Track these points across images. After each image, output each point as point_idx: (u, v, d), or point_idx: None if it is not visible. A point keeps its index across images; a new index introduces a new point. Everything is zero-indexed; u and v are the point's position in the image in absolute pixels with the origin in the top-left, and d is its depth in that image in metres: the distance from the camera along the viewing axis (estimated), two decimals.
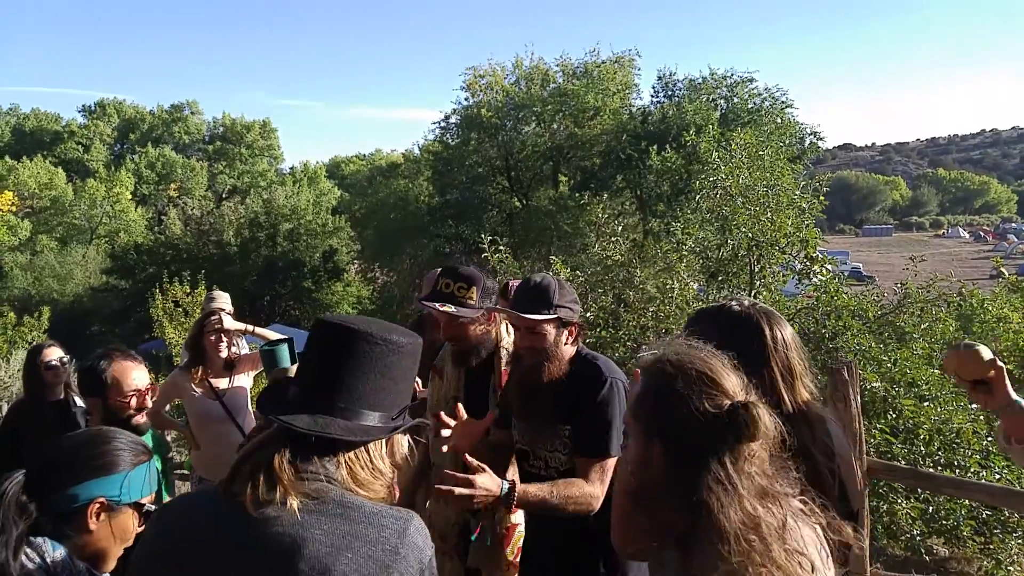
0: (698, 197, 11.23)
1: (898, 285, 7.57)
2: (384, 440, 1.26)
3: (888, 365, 5.04)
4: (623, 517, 1.34)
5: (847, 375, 3.04)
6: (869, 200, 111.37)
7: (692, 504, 1.18)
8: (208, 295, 4.57)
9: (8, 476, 1.54)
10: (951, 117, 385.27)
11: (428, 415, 2.76)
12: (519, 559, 2.59)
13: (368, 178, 38.22)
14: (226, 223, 29.51)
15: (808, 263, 7.78)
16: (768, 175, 9.44)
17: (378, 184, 32.93)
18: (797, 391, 1.83)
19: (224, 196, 53.44)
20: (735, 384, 1.25)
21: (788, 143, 21.81)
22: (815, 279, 7.30)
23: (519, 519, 2.61)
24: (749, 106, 24.55)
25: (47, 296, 30.54)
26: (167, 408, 4.66)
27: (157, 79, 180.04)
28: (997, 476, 4.15)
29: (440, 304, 2.49)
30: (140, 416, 2.59)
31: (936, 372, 5.05)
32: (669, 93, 26.36)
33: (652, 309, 7.35)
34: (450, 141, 27.32)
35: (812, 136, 26.07)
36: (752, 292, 8.29)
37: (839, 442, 1.86)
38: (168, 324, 13.99)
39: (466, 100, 26.53)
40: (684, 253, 8.50)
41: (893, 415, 4.59)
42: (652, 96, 27.24)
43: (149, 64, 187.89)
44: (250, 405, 4.26)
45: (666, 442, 1.23)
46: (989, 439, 4.41)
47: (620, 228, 10.13)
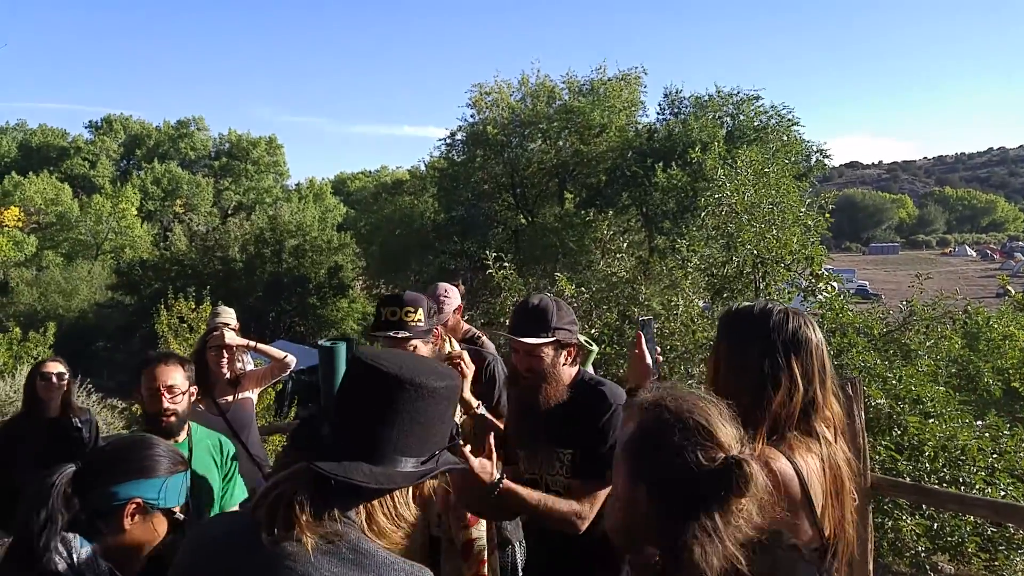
0: (703, 214, 11.24)
1: (904, 303, 7.55)
2: (411, 487, 1.26)
3: (893, 382, 5.02)
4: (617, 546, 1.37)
5: (851, 391, 3.04)
6: (875, 218, 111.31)
7: (675, 547, 1.19)
8: (213, 310, 4.58)
9: (59, 468, 1.61)
10: (958, 135, 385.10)
11: None
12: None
13: (373, 194, 38.41)
14: (231, 239, 29.63)
15: (813, 280, 7.76)
16: (774, 192, 9.45)
17: (383, 201, 33.08)
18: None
19: (230, 212, 53.73)
20: (731, 436, 1.26)
21: (794, 161, 21.86)
22: (820, 296, 7.29)
23: (479, 533, 2.61)
24: (755, 124, 24.63)
25: (52, 312, 30.58)
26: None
27: (163, 95, 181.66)
28: (1002, 493, 4.12)
29: (396, 334, 2.52)
30: (166, 416, 2.58)
31: (941, 389, 5.02)
32: (675, 110, 26.46)
33: (656, 326, 7.35)
34: (456, 158, 27.44)
35: (818, 154, 26.15)
36: None
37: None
38: (173, 340, 14.01)
39: (472, 117, 26.71)
40: (689, 270, 8.50)
41: (898, 432, 4.57)
42: (658, 113, 27.36)
43: (155, 80, 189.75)
44: (255, 421, 4.26)
45: (654, 487, 1.25)
46: (994, 456, 4.38)
47: (625, 245, 10.15)
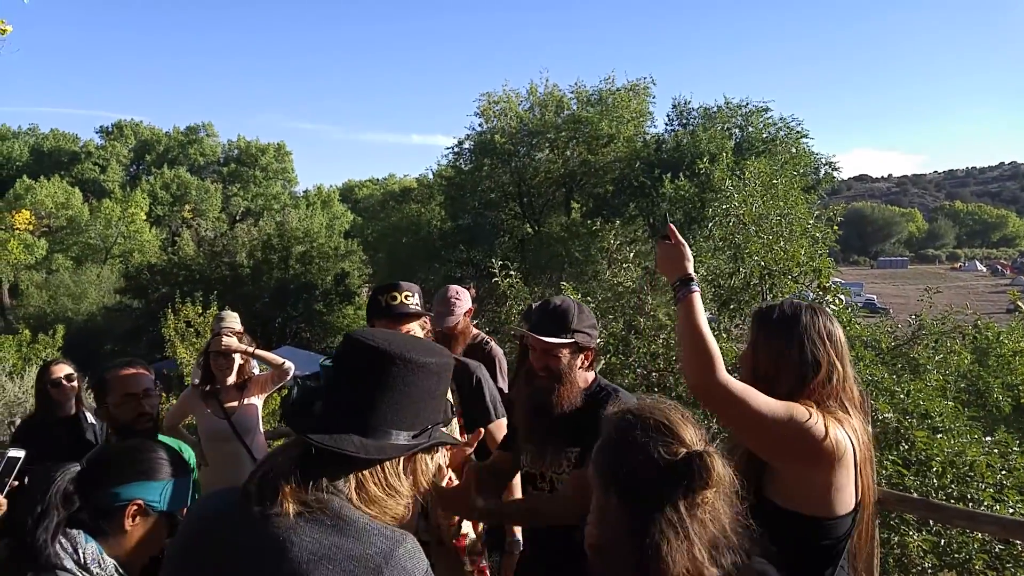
0: (711, 225, 11.23)
1: (912, 317, 7.51)
2: (403, 458, 1.27)
3: (901, 396, 4.99)
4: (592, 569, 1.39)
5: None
6: (884, 232, 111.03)
7: (643, 545, 1.23)
8: (217, 315, 4.60)
9: (63, 467, 1.66)
10: (969, 149, 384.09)
11: None
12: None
13: (381, 202, 38.58)
14: (239, 245, 29.73)
15: (821, 293, 7.73)
16: (781, 204, 9.43)
17: (391, 208, 33.19)
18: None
19: (238, 218, 53.97)
20: (692, 435, 1.32)
21: (802, 173, 21.83)
22: (827, 309, 7.29)
23: (468, 529, 2.69)
24: (764, 135, 24.64)
25: (62, 314, 30.82)
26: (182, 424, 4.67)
27: (173, 101, 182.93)
28: (1011, 510, 4.07)
29: (406, 320, 2.63)
30: (142, 423, 2.55)
31: (950, 404, 4.98)
32: (683, 121, 26.50)
33: (663, 336, 7.31)
34: (463, 166, 27.51)
35: (827, 166, 26.13)
36: None
37: None
38: (180, 344, 14.09)
39: (480, 126, 26.77)
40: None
41: (905, 446, 4.53)
42: (666, 124, 27.41)
43: (166, 86, 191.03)
44: (260, 426, 4.27)
45: (623, 489, 1.29)
46: (1003, 472, 4.34)
47: (632, 255, 10.12)
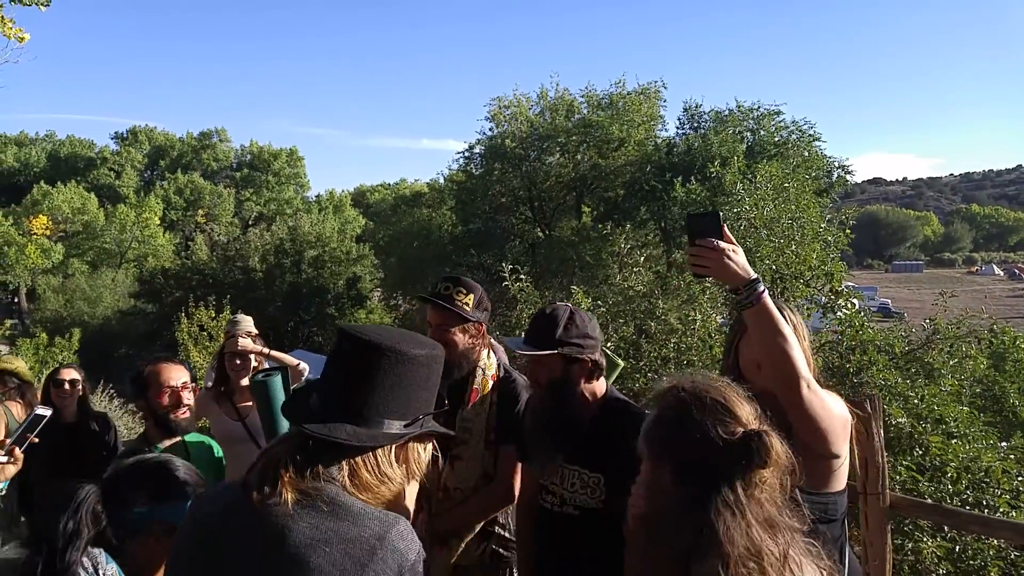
0: None
1: (927, 321, 7.44)
2: (395, 447, 1.31)
3: (915, 401, 4.94)
4: (633, 539, 1.40)
5: (871, 408, 2.99)
6: (899, 235, 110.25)
7: (699, 523, 1.22)
8: (231, 318, 4.62)
9: (90, 484, 1.66)
10: (986, 152, 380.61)
11: None
12: None
13: (392, 207, 38.65)
14: (252, 249, 29.94)
15: (833, 297, 7.66)
16: (793, 208, 9.39)
17: (402, 213, 33.25)
18: None
19: (250, 223, 54.35)
20: (749, 413, 1.30)
21: (815, 176, 21.69)
22: (840, 313, 7.19)
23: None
24: (776, 139, 24.51)
25: (78, 318, 31.13)
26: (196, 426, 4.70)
27: (187, 107, 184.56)
28: None
29: (441, 301, 2.58)
30: (180, 412, 2.64)
31: (965, 409, 4.93)
32: (695, 125, 26.41)
33: (674, 340, 7.29)
34: (474, 171, 27.52)
35: (840, 170, 25.95)
36: None
37: None
38: (193, 348, 14.20)
39: (491, 130, 26.75)
40: (707, 284, 8.44)
41: (920, 451, 4.48)
42: (677, 128, 27.31)
43: (179, 92, 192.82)
44: None
45: (678, 465, 1.29)
46: (1020, 479, 4.29)
47: (642, 259, 10.11)
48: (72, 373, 4.05)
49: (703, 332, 7.21)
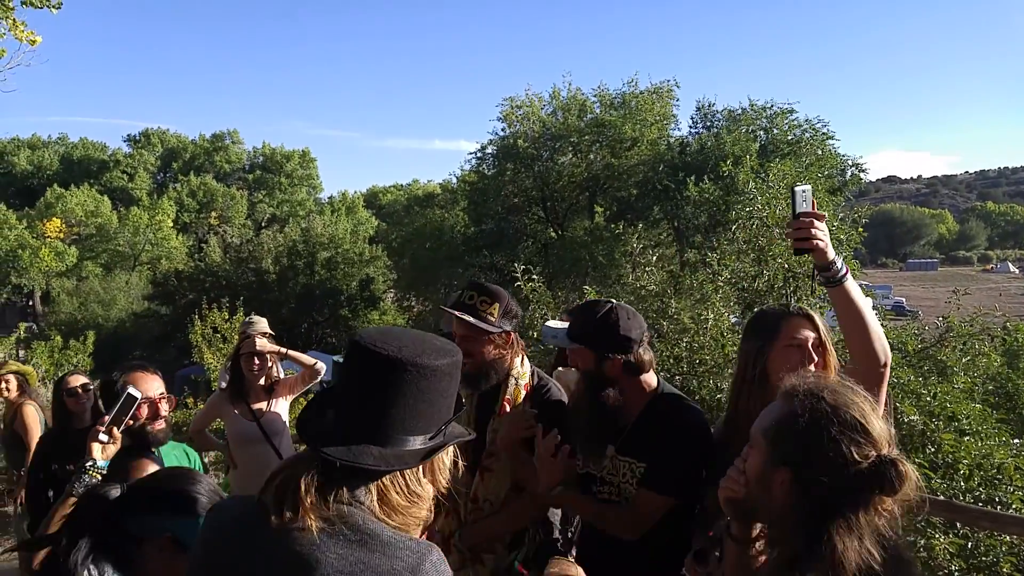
0: (734, 227, 11.15)
1: (940, 319, 7.40)
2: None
3: (928, 399, 4.92)
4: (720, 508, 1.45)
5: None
6: (914, 234, 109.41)
7: (816, 536, 1.22)
8: (246, 319, 4.67)
9: (104, 489, 1.65)
10: (1001, 149, 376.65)
11: None
12: None
13: (405, 208, 38.84)
14: (265, 251, 30.10)
15: None
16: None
17: (415, 214, 33.38)
18: None
19: (263, 224, 54.65)
20: (884, 434, 1.27)
21: (828, 174, 21.57)
22: None
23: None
24: (789, 137, 24.41)
25: (92, 321, 31.35)
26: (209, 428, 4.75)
27: (199, 109, 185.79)
28: None
29: (459, 312, 2.47)
30: (157, 424, 2.56)
31: (978, 407, 4.91)
32: (708, 124, 26.36)
33: (686, 340, 7.29)
34: (486, 171, 27.56)
35: (854, 168, 25.80)
36: None
37: None
38: (207, 350, 14.27)
39: (503, 131, 26.78)
40: (720, 284, 8.43)
41: (932, 449, 4.47)
42: (690, 127, 27.28)
43: (192, 94, 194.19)
44: (288, 427, 4.34)
45: (801, 474, 1.27)
46: None
47: (655, 258, 10.10)
48: (81, 379, 4.05)
49: (715, 331, 7.19)
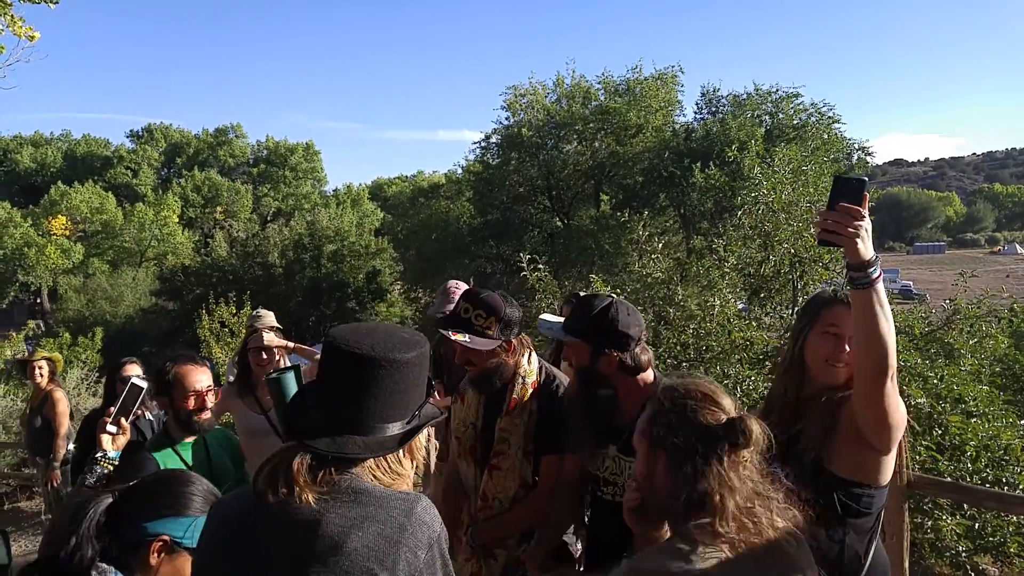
0: (740, 213, 11.12)
1: (947, 302, 7.37)
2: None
3: (934, 381, 4.92)
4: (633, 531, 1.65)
5: None
6: (921, 217, 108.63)
7: (695, 493, 1.43)
8: (253, 313, 4.69)
9: (95, 498, 1.68)
10: (1009, 130, 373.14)
11: (451, 439, 2.87)
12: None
13: (410, 199, 38.82)
14: (271, 245, 30.14)
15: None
16: (812, 191, 9.30)
17: (420, 205, 33.39)
18: None
19: (269, 218, 54.65)
20: (730, 403, 1.53)
21: (834, 158, 21.46)
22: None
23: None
24: (794, 122, 24.32)
25: (100, 317, 31.43)
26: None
27: (202, 103, 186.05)
28: None
29: (453, 332, 2.46)
30: (203, 415, 2.73)
31: (985, 388, 4.90)
32: (713, 109, 26.26)
33: (693, 327, 7.29)
34: (491, 161, 27.53)
35: (860, 151, 25.67)
36: (795, 309, 8.16)
37: None
38: (215, 344, 14.36)
39: (507, 120, 26.75)
40: (726, 270, 8.41)
41: (939, 431, 4.47)
42: (695, 113, 27.21)
43: (194, 89, 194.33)
44: None
45: (672, 451, 1.49)
46: None
47: (660, 245, 10.07)
48: (136, 369, 4.22)
49: (722, 318, 7.19)
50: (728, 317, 7.23)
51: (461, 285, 3.96)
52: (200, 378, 2.75)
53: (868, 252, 1.69)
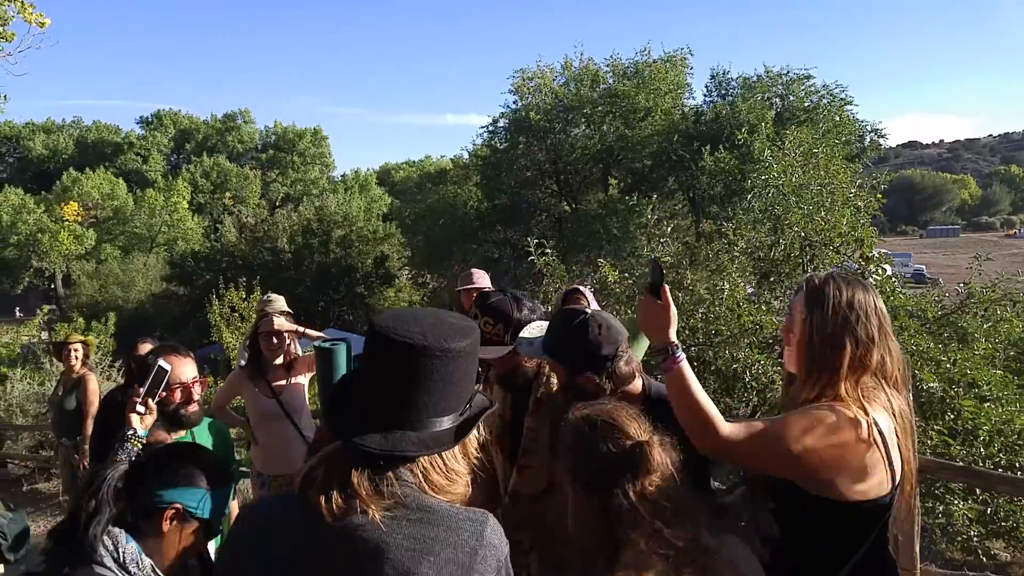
0: (750, 196, 11.05)
1: (961, 285, 7.31)
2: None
3: (947, 365, 4.88)
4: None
5: None
6: (935, 200, 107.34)
7: (605, 528, 1.40)
8: (263, 298, 4.71)
9: (113, 464, 1.74)
10: None
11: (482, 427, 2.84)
12: None
13: (418, 184, 38.75)
14: (280, 230, 30.22)
15: (864, 263, 7.55)
16: (823, 174, 9.23)
17: (427, 190, 33.32)
18: None
19: (277, 204, 54.76)
20: (637, 428, 1.48)
21: (846, 141, 21.27)
22: (871, 279, 7.08)
23: None
24: (805, 104, 24.10)
25: (112, 303, 31.68)
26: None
27: (209, 89, 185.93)
28: None
29: None
30: (190, 407, 2.64)
31: (998, 372, 4.86)
32: (722, 92, 26.03)
33: (702, 311, 7.26)
34: (498, 145, 27.39)
35: (872, 133, 25.42)
36: None
37: None
38: (225, 329, 14.44)
39: (515, 103, 26.56)
40: (736, 254, 8.37)
41: (951, 416, 4.44)
42: (705, 95, 26.96)
43: (201, 74, 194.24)
44: (308, 404, 4.39)
45: (581, 482, 1.47)
46: None
47: (670, 229, 10.03)
48: (149, 346, 4.25)
49: (731, 301, 7.16)
50: (737, 301, 7.20)
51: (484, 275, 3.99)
52: (185, 370, 2.64)
53: (663, 338, 1.85)
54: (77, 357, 6.04)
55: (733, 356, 6.50)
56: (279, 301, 4.58)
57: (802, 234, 8.40)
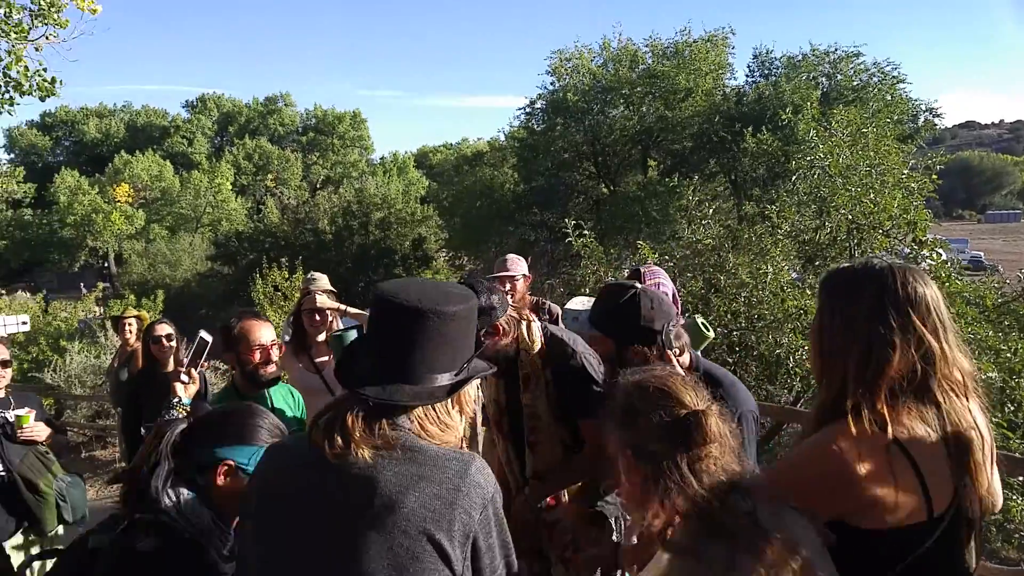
0: (794, 178, 10.79)
1: (1022, 272, 7.04)
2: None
3: (1008, 355, 4.70)
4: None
5: None
6: (994, 183, 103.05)
7: (653, 500, 1.36)
8: (307, 276, 4.77)
9: (174, 422, 1.85)
10: None
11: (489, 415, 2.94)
12: None
13: (454, 167, 38.75)
14: (320, 212, 30.50)
15: (916, 247, 7.28)
16: (872, 154, 8.94)
17: (464, 173, 33.32)
18: None
19: (318, 186, 55.42)
20: (693, 397, 1.42)
21: (898, 121, 20.61)
22: (924, 264, 6.81)
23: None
24: (854, 83, 23.43)
25: (161, 281, 32.61)
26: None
27: (251, 73, 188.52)
28: None
29: None
30: (268, 368, 2.85)
31: None
32: (765, 72, 25.46)
33: (744, 295, 7.13)
34: (535, 127, 27.19)
35: (927, 113, 24.61)
36: None
37: None
38: (269, 307, 14.65)
39: (552, 84, 26.29)
40: (779, 237, 8.18)
41: (1011, 407, 4.27)
42: (747, 76, 26.40)
43: (244, 59, 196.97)
44: None
45: (636, 449, 1.42)
46: None
47: (711, 211, 9.86)
48: (166, 328, 4.42)
49: (775, 285, 7.00)
50: (781, 285, 7.04)
51: (520, 260, 4.17)
52: (264, 333, 2.86)
53: None
54: (131, 331, 6.30)
55: (776, 341, 6.37)
56: (323, 280, 4.63)
57: (849, 217, 8.16)
